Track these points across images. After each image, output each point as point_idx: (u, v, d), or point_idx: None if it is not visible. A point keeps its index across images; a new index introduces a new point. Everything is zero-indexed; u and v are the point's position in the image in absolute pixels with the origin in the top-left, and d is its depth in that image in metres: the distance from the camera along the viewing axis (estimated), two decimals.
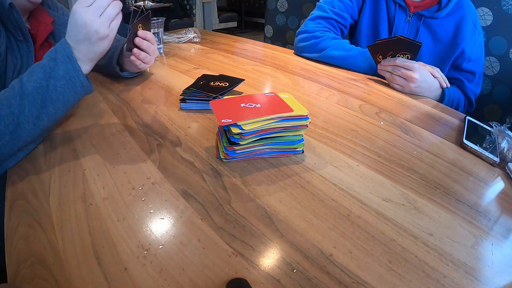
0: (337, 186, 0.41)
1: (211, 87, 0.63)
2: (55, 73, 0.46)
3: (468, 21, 0.82)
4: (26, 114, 0.44)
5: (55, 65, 0.46)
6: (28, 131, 0.44)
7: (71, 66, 0.47)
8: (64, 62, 0.46)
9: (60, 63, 0.46)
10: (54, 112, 0.47)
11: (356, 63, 0.87)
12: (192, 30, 1.22)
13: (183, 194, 0.39)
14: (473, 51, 0.84)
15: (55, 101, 0.46)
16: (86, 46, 0.49)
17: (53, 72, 0.46)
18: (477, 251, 0.33)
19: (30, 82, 0.45)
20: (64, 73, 0.46)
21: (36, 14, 0.71)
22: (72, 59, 0.47)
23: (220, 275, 0.29)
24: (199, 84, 0.64)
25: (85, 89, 0.49)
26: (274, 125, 0.42)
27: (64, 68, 0.46)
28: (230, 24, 4.86)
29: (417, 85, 0.72)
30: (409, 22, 0.89)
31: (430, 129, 0.58)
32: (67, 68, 0.46)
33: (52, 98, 0.46)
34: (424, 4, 0.86)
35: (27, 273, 0.29)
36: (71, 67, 0.47)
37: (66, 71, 0.46)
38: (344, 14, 0.96)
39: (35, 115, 0.44)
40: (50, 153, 0.47)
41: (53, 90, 0.45)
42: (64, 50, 0.47)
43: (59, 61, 0.46)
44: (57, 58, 0.46)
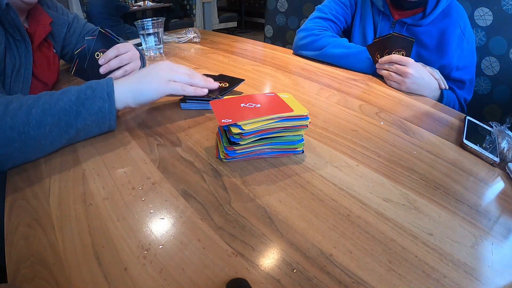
0: (337, 186, 0.41)
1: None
2: (89, 104, 0.45)
3: (455, 29, 0.81)
4: (45, 132, 0.42)
5: (93, 96, 0.45)
6: (42, 147, 0.44)
7: (107, 106, 0.46)
8: (102, 98, 0.46)
9: (97, 98, 0.45)
10: (74, 139, 0.47)
11: (356, 61, 0.87)
12: (192, 30, 1.22)
13: (183, 194, 0.39)
14: (461, 60, 0.84)
15: (79, 131, 0.46)
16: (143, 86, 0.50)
17: (87, 101, 0.45)
18: (477, 251, 0.33)
19: (60, 101, 0.44)
20: (98, 110, 0.46)
21: (35, 14, 0.71)
22: (111, 98, 0.47)
23: (220, 275, 0.29)
24: None
25: (110, 129, 0.50)
26: (274, 125, 0.42)
27: (100, 105, 0.46)
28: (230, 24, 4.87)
29: (412, 81, 0.72)
30: (393, 30, 0.90)
31: (430, 129, 0.58)
32: (103, 106, 0.46)
33: (78, 128, 0.45)
34: (408, 12, 0.87)
35: (27, 273, 0.29)
36: (107, 107, 0.46)
37: (100, 109, 0.46)
38: (341, 18, 0.99)
39: (56, 134, 0.44)
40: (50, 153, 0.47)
41: (81, 121, 0.45)
42: (107, 87, 0.47)
43: (98, 95, 0.46)
44: (96, 90, 0.46)
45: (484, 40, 0.94)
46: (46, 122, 0.42)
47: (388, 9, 0.89)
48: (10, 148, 0.41)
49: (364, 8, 0.96)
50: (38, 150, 0.44)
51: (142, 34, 0.99)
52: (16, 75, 0.62)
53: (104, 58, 0.66)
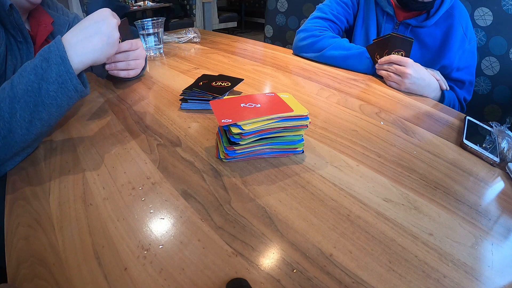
0: (337, 186, 0.41)
1: (213, 87, 0.63)
2: (48, 76, 0.43)
3: (457, 30, 0.81)
4: (17, 119, 0.41)
5: (48, 66, 0.43)
6: (21, 136, 0.43)
7: (63, 69, 0.44)
8: (57, 64, 0.44)
9: (52, 65, 0.43)
10: (48, 117, 0.44)
11: (356, 62, 0.87)
12: (192, 30, 1.22)
13: (183, 194, 0.39)
14: (462, 60, 0.84)
15: (48, 106, 0.44)
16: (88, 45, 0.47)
17: (45, 74, 0.43)
18: (477, 251, 0.33)
19: (21, 85, 0.42)
20: (57, 76, 0.43)
21: (36, 14, 0.71)
22: (66, 60, 0.44)
23: (220, 275, 0.29)
24: (199, 84, 0.64)
25: (79, 93, 0.46)
26: (274, 125, 0.42)
27: (57, 71, 0.43)
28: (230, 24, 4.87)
29: (411, 81, 0.72)
30: (396, 31, 0.89)
31: (430, 129, 0.58)
32: (59, 70, 0.44)
33: (45, 103, 0.43)
34: (413, 13, 0.87)
35: (27, 273, 0.29)
36: (63, 70, 0.44)
37: (58, 73, 0.43)
38: (342, 18, 0.98)
39: (28, 119, 0.42)
40: (50, 153, 0.47)
41: (45, 94, 0.43)
42: (58, 50, 0.44)
43: (52, 62, 0.43)
44: (50, 59, 0.44)
45: (484, 40, 0.94)
46: (15, 110, 0.41)
47: (393, 10, 0.89)
48: None
49: (367, 8, 0.95)
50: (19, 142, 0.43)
51: (142, 34, 0.99)
52: None
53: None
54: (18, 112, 0.41)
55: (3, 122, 0.41)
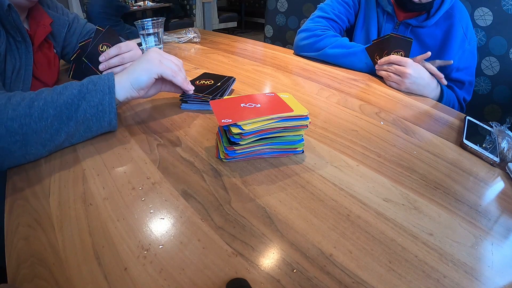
0: (337, 186, 0.41)
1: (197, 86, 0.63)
2: (90, 98, 0.45)
3: (457, 30, 0.81)
4: (47, 124, 0.42)
5: (93, 89, 0.46)
6: (42, 141, 0.43)
7: (107, 99, 0.46)
8: (103, 92, 0.46)
9: (99, 91, 0.46)
10: (73, 134, 0.46)
11: (356, 60, 0.87)
12: (192, 30, 1.22)
13: (183, 194, 0.39)
14: (462, 61, 0.84)
15: (79, 124, 0.45)
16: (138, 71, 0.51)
17: (88, 95, 0.45)
18: (477, 251, 0.33)
19: (62, 95, 0.44)
20: (99, 102, 0.46)
21: (35, 14, 0.71)
22: (112, 92, 0.47)
23: (220, 275, 0.29)
24: (195, 83, 0.64)
25: (111, 127, 0.50)
26: (274, 125, 0.42)
27: (100, 98, 0.46)
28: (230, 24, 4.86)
29: (411, 81, 0.72)
30: (397, 31, 0.89)
31: (430, 129, 0.58)
32: (103, 99, 0.46)
33: (78, 120, 0.45)
34: (413, 13, 0.87)
35: (27, 273, 0.29)
36: (107, 100, 0.46)
37: (101, 101, 0.46)
38: (343, 17, 0.98)
39: (56, 128, 0.43)
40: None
41: (82, 113, 0.45)
42: (108, 81, 0.47)
43: (99, 88, 0.46)
44: (97, 84, 0.46)
45: (484, 40, 0.94)
46: (48, 114, 0.42)
47: (393, 10, 0.89)
48: (11, 141, 0.41)
49: (368, 8, 0.95)
50: (38, 144, 0.43)
51: (142, 34, 0.99)
52: (16, 76, 0.62)
53: (104, 56, 0.66)
54: (50, 118, 0.42)
55: (30, 121, 0.41)
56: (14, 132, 0.41)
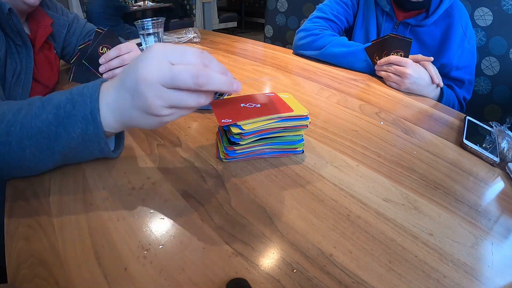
0: (337, 186, 0.41)
1: None
2: (70, 127, 0.34)
3: (457, 29, 0.81)
4: (27, 154, 0.35)
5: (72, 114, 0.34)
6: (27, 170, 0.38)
7: (92, 130, 0.34)
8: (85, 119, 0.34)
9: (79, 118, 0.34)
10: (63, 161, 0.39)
11: (356, 60, 0.87)
12: (192, 30, 1.22)
13: (183, 194, 0.39)
14: (461, 59, 0.84)
15: (65, 155, 0.37)
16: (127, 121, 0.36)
17: (66, 121, 0.34)
18: (477, 251, 0.33)
19: (37, 119, 0.34)
20: (82, 133, 0.34)
21: (35, 15, 0.71)
22: (96, 120, 0.34)
23: (220, 275, 0.29)
24: None
25: (105, 154, 0.39)
26: (274, 125, 0.42)
27: (83, 128, 0.34)
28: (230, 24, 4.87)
29: (411, 81, 0.72)
30: (396, 30, 0.89)
31: (430, 129, 0.58)
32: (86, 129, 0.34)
33: (62, 152, 0.36)
34: (412, 13, 0.87)
35: (27, 273, 0.29)
36: (92, 131, 0.34)
37: (85, 131, 0.34)
38: (342, 18, 0.98)
39: (39, 157, 0.36)
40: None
41: (64, 144, 0.35)
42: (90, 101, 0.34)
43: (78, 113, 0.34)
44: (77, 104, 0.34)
45: (484, 40, 0.94)
46: (25, 145, 0.34)
47: (392, 10, 0.89)
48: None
49: (367, 8, 0.95)
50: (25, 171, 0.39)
51: (142, 34, 0.99)
52: (16, 81, 0.61)
53: (104, 58, 0.66)
54: (27, 148, 0.35)
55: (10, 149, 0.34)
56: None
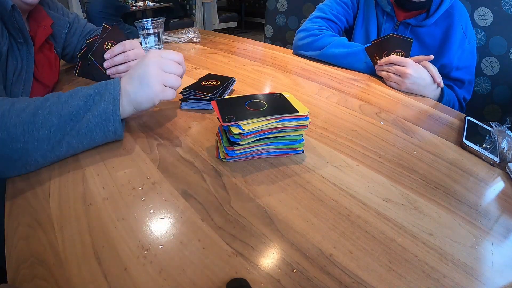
0: (337, 186, 0.41)
1: (202, 86, 0.63)
2: (95, 109, 0.43)
3: (457, 29, 0.81)
4: (49, 133, 0.41)
5: (100, 100, 0.44)
6: (43, 151, 0.41)
7: (111, 108, 0.44)
8: (107, 101, 0.44)
9: (103, 101, 0.44)
10: (76, 145, 0.44)
11: (356, 60, 0.87)
12: (192, 30, 1.22)
13: (183, 194, 0.39)
14: (462, 60, 0.84)
15: (82, 136, 0.43)
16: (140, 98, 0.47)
17: (94, 106, 0.44)
18: (477, 251, 0.33)
19: (68, 105, 0.42)
20: (102, 111, 0.44)
21: (36, 15, 0.71)
22: (117, 101, 0.45)
23: (220, 275, 0.29)
24: (201, 84, 0.64)
25: (116, 136, 0.47)
26: (274, 125, 0.42)
27: (104, 107, 0.44)
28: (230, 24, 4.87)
29: (412, 81, 0.72)
30: (397, 30, 0.89)
31: (430, 129, 0.58)
32: (107, 108, 0.44)
33: (81, 131, 0.43)
34: (413, 13, 0.87)
35: (27, 273, 0.29)
36: (111, 109, 0.44)
37: (105, 110, 0.44)
38: (342, 18, 0.98)
39: (58, 138, 0.42)
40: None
41: (85, 123, 0.43)
42: (114, 90, 0.45)
43: (104, 98, 0.44)
44: (104, 94, 0.45)
45: (484, 40, 0.94)
46: (52, 124, 0.41)
47: (393, 10, 0.89)
48: (12, 148, 0.39)
49: (367, 8, 0.95)
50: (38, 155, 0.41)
51: (142, 34, 0.99)
52: (17, 78, 0.62)
53: (109, 53, 0.67)
54: (53, 127, 0.41)
55: (33, 128, 0.40)
56: (16, 139, 0.39)
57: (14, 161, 0.40)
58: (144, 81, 0.47)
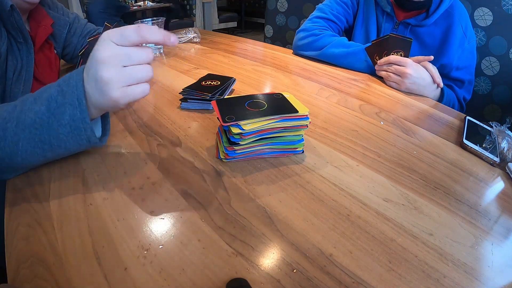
0: (337, 186, 0.41)
1: (202, 86, 0.63)
2: (60, 114, 0.37)
3: (457, 29, 0.81)
4: (20, 148, 0.37)
5: (63, 103, 0.37)
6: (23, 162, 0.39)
7: (79, 115, 0.37)
8: (72, 105, 0.37)
9: (67, 104, 0.37)
10: (52, 157, 0.40)
11: (356, 60, 0.87)
12: (192, 30, 1.22)
13: (183, 194, 0.39)
14: (461, 60, 0.84)
15: (55, 148, 0.39)
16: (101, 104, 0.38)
17: (58, 110, 0.37)
18: (477, 251, 0.33)
19: (30, 112, 0.37)
20: (70, 119, 0.37)
21: (36, 15, 0.71)
22: (83, 105, 0.37)
23: (220, 275, 0.29)
24: (201, 84, 0.64)
25: (92, 144, 0.40)
26: (274, 125, 0.42)
27: (71, 114, 0.37)
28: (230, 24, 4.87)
29: (411, 81, 0.72)
30: (396, 30, 0.89)
31: (430, 129, 0.58)
32: (74, 114, 0.37)
33: (52, 144, 0.38)
34: (412, 13, 0.87)
35: (27, 273, 0.29)
36: (78, 116, 0.37)
37: (72, 117, 0.37)
38: (342, 17, 0.98)
39: (30, 151, 0.38)
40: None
41: (54, 135, 0.37)
42: (76, 89, 0.37)
43: (67, 100, 0.37)
44: (66, 94, 0.37)
45: (484, 40, 0.94)
46: (19, 138, 0.37)
47: (393, 10, 0.89)
48: None
49: (367, 8, 0.95)
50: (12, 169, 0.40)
51: None
52: (17, 78, 0.62)
53: None
54: (21, 141, 0.37)
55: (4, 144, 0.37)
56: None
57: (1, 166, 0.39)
58: (98, 86, 0.36)
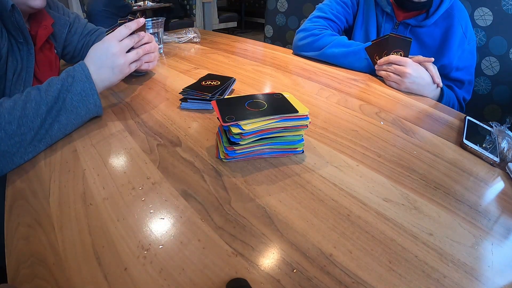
0: (337, 186, 0.41)
1: (202, 86, 0.63)
2: (73, 88, 0.50)
3: (457, 30, 0.81)
4: (42, 120, 0.46)
5: (73, 81, 0.50)
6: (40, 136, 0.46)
7: (88, 86, 0.51)
8: (81, 80, 0.51)
9: (78, 81, 0.51)
10: (65, 123, 0.49)
11: (356, 59, 0.87)
12: (192, 30, 1.22)
13: (183, 194, 0.39)
14: (461, 60, 0.84)
15: (68, 113, 0.49)
16: (106, 73, 0.56)
17: (70, 87, 0.50)
18: (477, 251, 0.33)
19: (49, 92, 0.48)
20: (81, 90, 0.51)
21: (37, 15, 0.71)
22: (90, 79, 0.52)
23: (220, 275, 0.29)
24: (201, 84, 0.64)
25: (97, 108, 0.53)
26: (274, 125, 0.42)
27: (81, 86, 0.51)
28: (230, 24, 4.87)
29: (411, 81, 0.72)
30: (396, 31, 0.89)
31: (430, 129, 0.58)
32: (84, 86, 0.51)
33: (67, 109, 0.49)
34: (412, 13, 0.87)
35: (27, 273, 0.29)
36: (88, 86, 0.51)
37: (82, 88, 0.51)
38: (342, 17, 0.98)
39: (49, 122, 0.47)
40: (50, 153, 0.47)
41: (69, 102, 0.49)
42: (83, 71, 0.52)
43: (77, 79, 0.51)
44: (75, 76, 0.51)
45: (484, 40, 0.94)
46: (42, 111, 0.46)
47: (393, 10, 0.89)
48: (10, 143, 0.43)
49: (367, 8, 0.95)
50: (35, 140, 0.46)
51: None
52: (17, 78, 0.61)
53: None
54: (44, 114, 0.46)
55: (27, 120, 0.44)
56: (13, 134, 0.43)
57: (12, 155, 0.43)
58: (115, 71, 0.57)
